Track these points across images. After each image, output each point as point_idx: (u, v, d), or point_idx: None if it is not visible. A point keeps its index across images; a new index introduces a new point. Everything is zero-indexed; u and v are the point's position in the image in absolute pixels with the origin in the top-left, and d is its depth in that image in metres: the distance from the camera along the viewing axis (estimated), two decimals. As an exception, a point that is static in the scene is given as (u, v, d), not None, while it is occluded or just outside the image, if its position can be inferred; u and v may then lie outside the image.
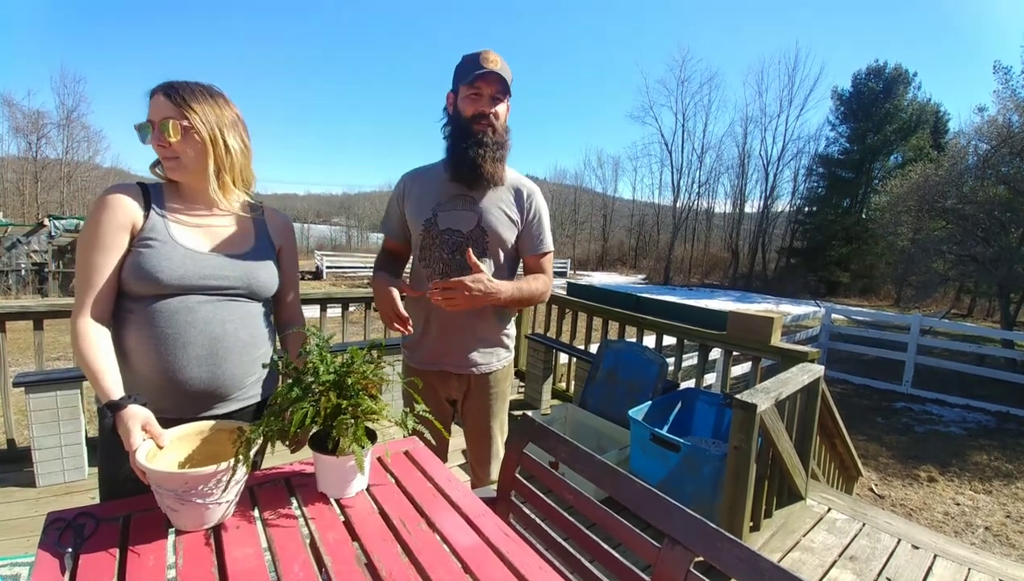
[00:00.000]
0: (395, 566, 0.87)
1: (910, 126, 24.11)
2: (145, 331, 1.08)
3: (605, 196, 42.60)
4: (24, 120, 23.98)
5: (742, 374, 6.14)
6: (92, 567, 0.81)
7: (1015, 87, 11.64)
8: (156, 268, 1.06)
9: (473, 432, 1.71)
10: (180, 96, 1.10)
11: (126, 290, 1.09)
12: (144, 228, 1.09)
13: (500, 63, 1.44)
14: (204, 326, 1.11)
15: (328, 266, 19.93)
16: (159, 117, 1.08)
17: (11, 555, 1.91)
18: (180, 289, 1.09)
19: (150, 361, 1.08)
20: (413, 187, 1.59)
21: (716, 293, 23.80)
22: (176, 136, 1.08)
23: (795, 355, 2.60)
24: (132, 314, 1.09)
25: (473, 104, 1.46)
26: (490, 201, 1.53)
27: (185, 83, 1.12)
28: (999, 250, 10.54)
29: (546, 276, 1.63)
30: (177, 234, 1.11)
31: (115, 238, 1.07)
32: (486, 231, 1.52)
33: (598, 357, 3.33)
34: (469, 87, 1.45)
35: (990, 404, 7.18)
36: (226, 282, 1.14)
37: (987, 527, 4.20)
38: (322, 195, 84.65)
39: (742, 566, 0.86)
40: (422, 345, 1.62)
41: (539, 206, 1.60)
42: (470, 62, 1.45)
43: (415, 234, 1.57)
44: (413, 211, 1.57)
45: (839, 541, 2.32)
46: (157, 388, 1.09)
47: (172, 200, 1.15)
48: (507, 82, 1.45)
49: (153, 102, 1.09)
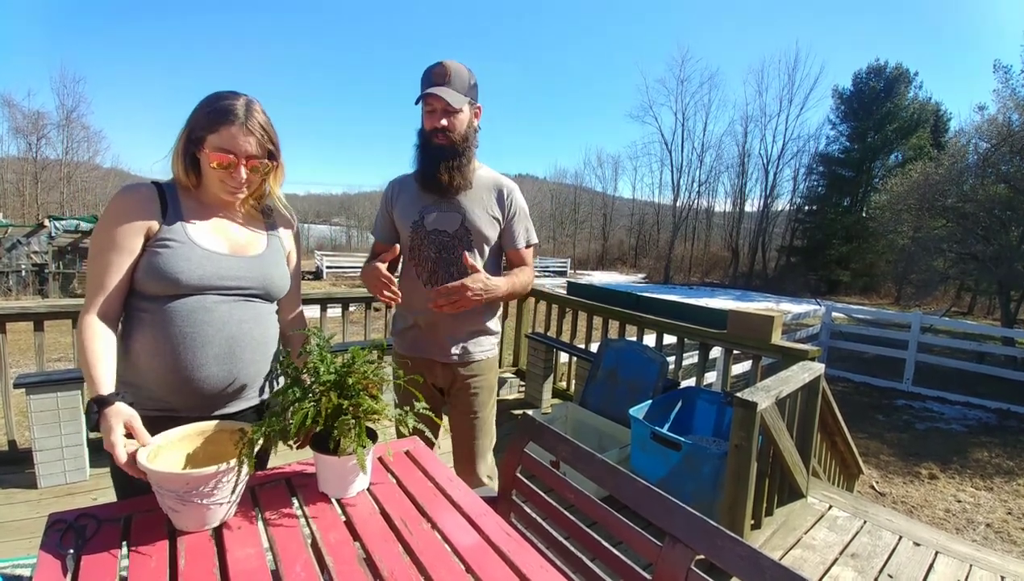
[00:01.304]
0: (396, 566, 0.87)
1: (911, 125, 24.10)
2: (162, 330, 1.08)
3: (605, 195, 42.66)
4: (24, 120, 24.01)
5: (742, 372, 6.14)
6: (94, 568, 0.81)
7: (1015, 86, 11.66)
8: (176, 269, 1.07)
9: (457, 423, 1.75)
10: (269, 137, 1.13)
11: (140, 290, 1.09)
12: (161, 229, 1.09)
13: (451, 75, 1.51)
14: (222, 325, 1.12)
15: (328, 266, 19.94)
16: (249, 156, 1.11)
17: (13, 557, 1.91)
18: (198, 289, 1.09)
19: (167, 360, 1.08)
20: (400, 192, 1.68)
21: (716, 292, 23.80)
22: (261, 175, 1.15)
23: (796, 353, 2.60)
24: (147, 313, 1.09)
25: (428, 119, 1.55)
26: (472, 202, 1.62)
27: (265, 114, 1.13)
28: (999, 248, 10.54)
29: (529, 268, 1.74)
30: (194, 235, 1.12)
31: (131, 239, 1.07)
32: (470, 230, 1.61)
33: (598, 356, 3.33)
34: (424, 103, 1.54)
35: (991, 401, 7.18)
36: (243, 283, 1.16)
37: (988, 524, 4.20)
38: (322, 195, 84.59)
39: (743, 564, 0.86)
40: (409, 333, 1.70)
41: (519, 203, 1.70)
42: (425, 77, 1.54)
43: (404, 235, 1.65)
44: (401, 214, 1.65)
45: (840, 539, 2.32)
46: (172, 387, 1.09)
47: (187, 200, 1.15)
48: (459, 94, 1.52)
49: (236, 131, 1.08)
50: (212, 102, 1.10)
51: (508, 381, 4.29)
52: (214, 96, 1.12)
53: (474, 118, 1.62)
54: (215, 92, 1.13)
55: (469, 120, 1.59)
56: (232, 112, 1.08)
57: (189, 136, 1.10)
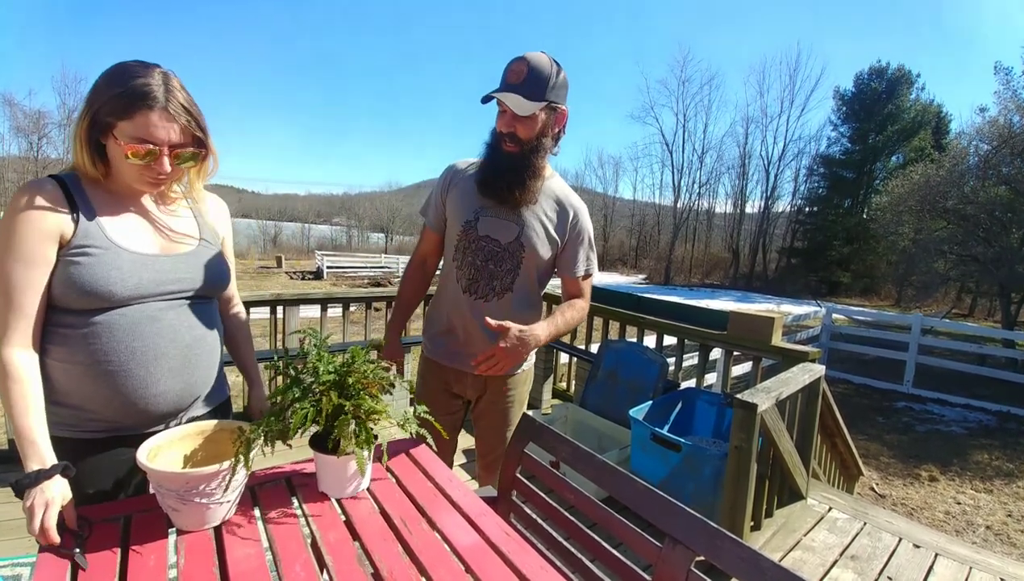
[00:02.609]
0: (396, 566, 0.87)
1: (912, 127, 24.13)
2: (103, 347, 0.95)
3: (606, 196, 42.67)
4: (25, 120, 24.03)
5: (743, 374, 6.13)
6: (93, 567, 0.81)
7: (1016, 88, 11.63)
8: (106, 280, 0.93)
9: (485, 435, 1.69)
10: (196, 121, 0.97)
11: (62, 306, 0.94)
12: (76, 234, 0.93)
13: (525, 75, 1.33)
14: (174, 335, 1.02)
15: (329, 266, 19.95)
16: (172, 144, 0.95)
17: (12, 556, 1.91)
18: (135, 298, 0.97)
19: (114, 379, 0.97)
20: (457, 182, 1.53)
21: (717, 293, 23.79)
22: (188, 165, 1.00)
23: (796, 355, 2.60)
24: (76, 330, 0.94)
25: (499, 120, 1.41)
26: (534, 215, 1.48)
27: (186, 91, 0.97)
28: (1000, 250, 10.53)
29: (583, 301, 1.58)
30: (115, 236, 0.97)
31: (42, 249, 0.91)
32: (524, 246, 1.47)
33: (599, 357, 3.33)
34: (497, 101, 1.38)
35: (991, 404, 7.17)
36: (184, 285, 1.04)
37: (988, 526, 4.19)
38: (322, 195, 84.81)
39: (743, 565, 0.86)
40: (443, 338, 1.59)
41: (584, 226, 1.54)
42: (504, 73, 1.37)
43: (453, 231, 1.53)
44: (455, 208, 1.52)
45: (840, 540, 2.31)
46: (120, 407, 0.99)
47: (95, 192, 0.99)
48: (527, 101, 1.34)
49: (156, 118, 0.92)
50: (120, 80, 0.91)
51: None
52: (119, 71, 0.93)
53: (555, 123, 1.43)
54: (119, 64, 0.94)
55: (545, 125, 1.40)
56: (148, 94, 0.90)
57: (93, 121, 0.93)
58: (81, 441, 0.99)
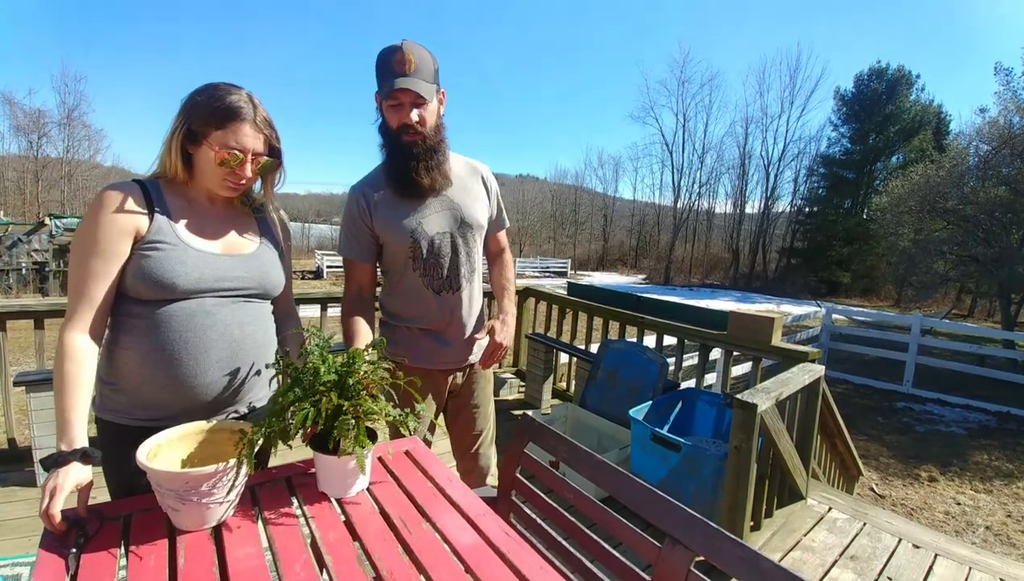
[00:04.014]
0: (396, 565, 0.87)
1: (912, 127, 24.12)
2: (160, 336, 1.04)
3: (606, 196, 42.69)
4: (25, 119, 24.08)
5: (743, 374, 6.14)
6: (93, 567, 0.81)
7: (1016, 89, 11.63)
8: (171, 272, 1.03)
9: (467, 418, 1.71)
10: (275, 133, 1.12)
11: (132, 295, 1.05)
12: (150, 231, 1.04)
13: (415, 64, 1.32)
14: (224, 329, 1.09)
15: (329, 266, 19.92)
16: (255, 152, 1.09)
17: (12, 555, 1.92)
18: (196, 292, 1.06)
19: (167, 366, 1.05)
20: (377, 202, 1.47)
21: (717, 293, 23.80)
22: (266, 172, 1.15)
23: (796, 355, 2.60)
24: (140, 319, 1.05)
25: (395, 114, 1.37)
26: (460, 192, 1.52)
27: (266, 112, 1.11)
28: (1000, 251, 10.53)
29: (508, 253, 1.75)
30: (185, 236, 1.08)
31: (117, 244, 1.01)
32: (470, 223, 1.52)
33: (598, 357, 3.33)
34: (388, 97, 1.35)
35: (991, 404, 7.17)
36: (241, 283, 1.13)
37: (988, 526, 4.19)
38: (322, 195, 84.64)
39: (743, 565, 0.86)
40: (411, 343, 1.55)
41: (494, 181, 1.65)
42: (383, 65, 1.34)
43: (400, 247, 1.47)
44: (389, 226, 1.46)
45: (840, 541, 2.32)
46: (171, 394, 1.07)
47: (172, 198, 1.11)
48: (427, 83, 1.34)
49: (248, 128, 1.07)
50: (215, 96, 1.06)
51: (508, 381, 4.29)
52: (213, 89, 1.07)
53: (440, 106, 1.44)
54: (211, 84, 1.09)
55: (438, 110, 1.42)
56: (241, 109, 1.06)
57: (188, 130, 1.05)
58: (130, 428, 1.06)
